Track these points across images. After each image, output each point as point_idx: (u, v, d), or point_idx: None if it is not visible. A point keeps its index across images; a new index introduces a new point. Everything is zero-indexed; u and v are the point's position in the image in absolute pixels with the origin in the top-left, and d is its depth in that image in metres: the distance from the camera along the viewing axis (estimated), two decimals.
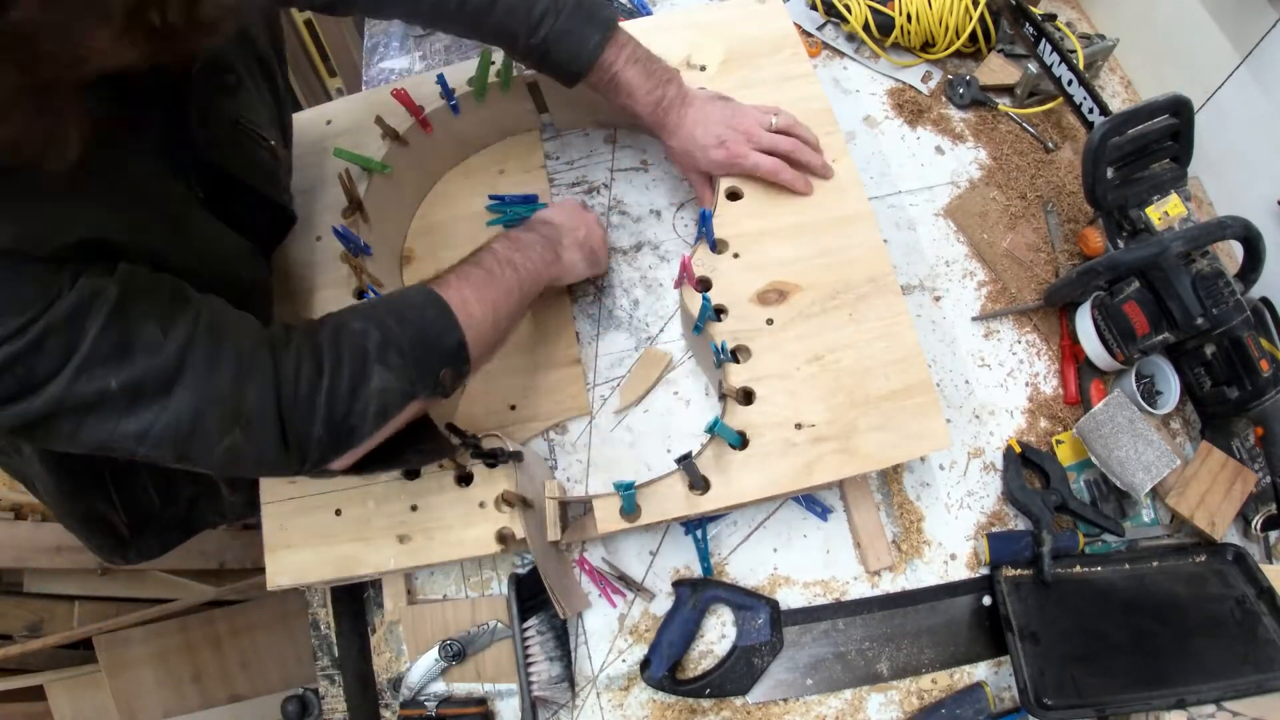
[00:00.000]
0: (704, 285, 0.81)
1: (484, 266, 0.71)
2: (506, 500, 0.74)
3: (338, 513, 0.76)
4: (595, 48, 0.79)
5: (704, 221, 0.81)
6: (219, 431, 0.53)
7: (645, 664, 0.79)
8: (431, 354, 0.63)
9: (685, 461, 0.70)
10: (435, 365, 0.63)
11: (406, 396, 0.62)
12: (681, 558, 0.85)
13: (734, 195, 0.86)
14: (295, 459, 0.58)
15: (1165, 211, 0.86)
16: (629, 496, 0.71)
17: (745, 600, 0.81)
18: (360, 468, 0.65)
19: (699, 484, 0.73)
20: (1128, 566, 0.83)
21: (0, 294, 0.46)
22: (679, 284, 0.83)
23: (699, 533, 0.84)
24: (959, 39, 1.08)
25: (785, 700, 0.80)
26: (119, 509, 0.87)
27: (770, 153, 0.83)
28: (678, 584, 0.82)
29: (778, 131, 0.84)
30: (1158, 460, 0.82)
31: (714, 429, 0.73)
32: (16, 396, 0.48)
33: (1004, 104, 1.08)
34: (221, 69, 0.65)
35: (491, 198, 0.99)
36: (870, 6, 1.10)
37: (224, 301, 0.59)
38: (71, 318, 0.48)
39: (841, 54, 1.14)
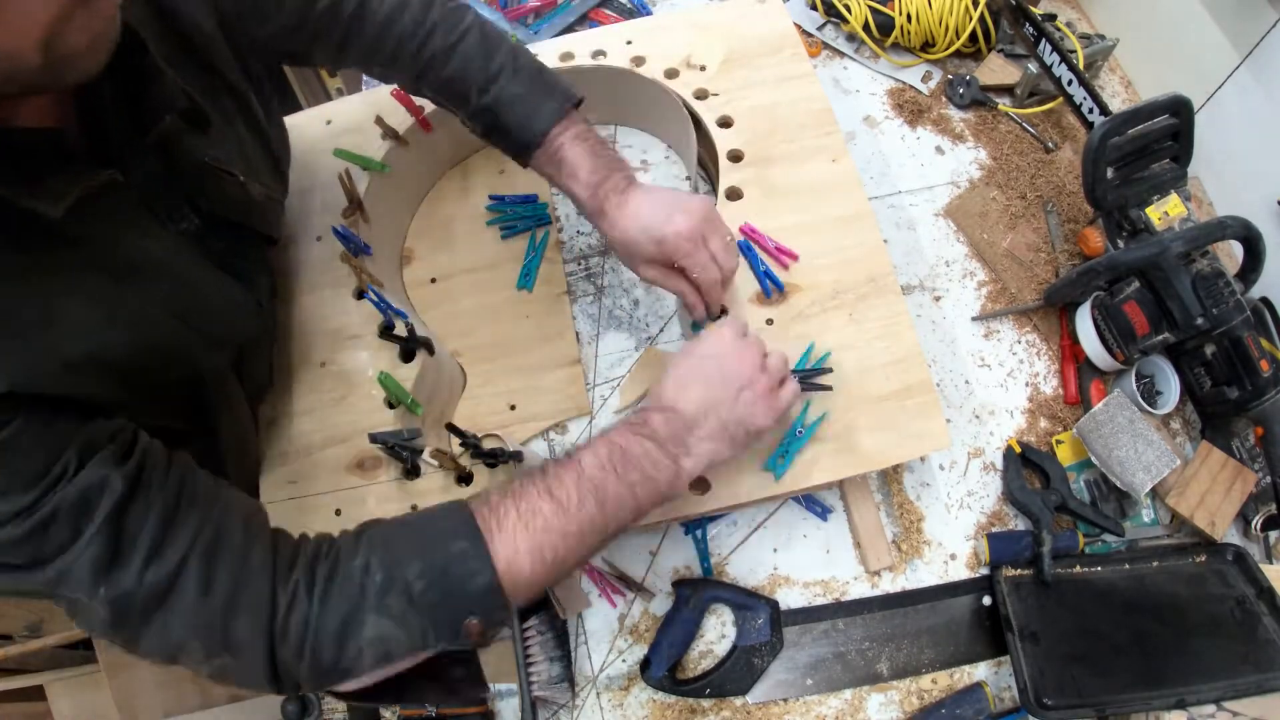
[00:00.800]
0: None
1: (556, 495, 0.56)
2: None
3: (338, 513, 0.76)
4: (549, 116, 0.73)
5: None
6: (205, 654, 0.50)
7: (645, 664, 0.79)
8: (451, 599, 0.52)
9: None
10: (455, 613, 0.53)
11: (414, 647, 0.53)
12: (681, 558, 0.85)
13: (734, 195, 0.86)
14: (288, 687, 0.53)
15: (1165, 211, 0.86)
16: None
17: (745, 600, 0.81)
18: (372, 697, 0.58)
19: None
20: (1128, 566, 0.83)
21: (10, 463, 0.44)
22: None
23: (699, 533, 0.84)
24: (959, 39, 1.08)
25: (785, 700, 0.80)
26: None
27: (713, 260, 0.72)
28: (678, 584, 0.82)
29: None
30: (1158, 460, 0.82)
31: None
32: (20, 568, 0.46)
33: (1004, 104, 1.08)
34: (189, 108, 0.60)
35: (492, 198, 0.99)
36: (870, 6, 1.10)
37: (235, 496, 0.55)
38: (76, 507, 0.46)
39: (841, 54, 1.14)
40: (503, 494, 0.57)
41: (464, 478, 0.76)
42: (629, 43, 0.95)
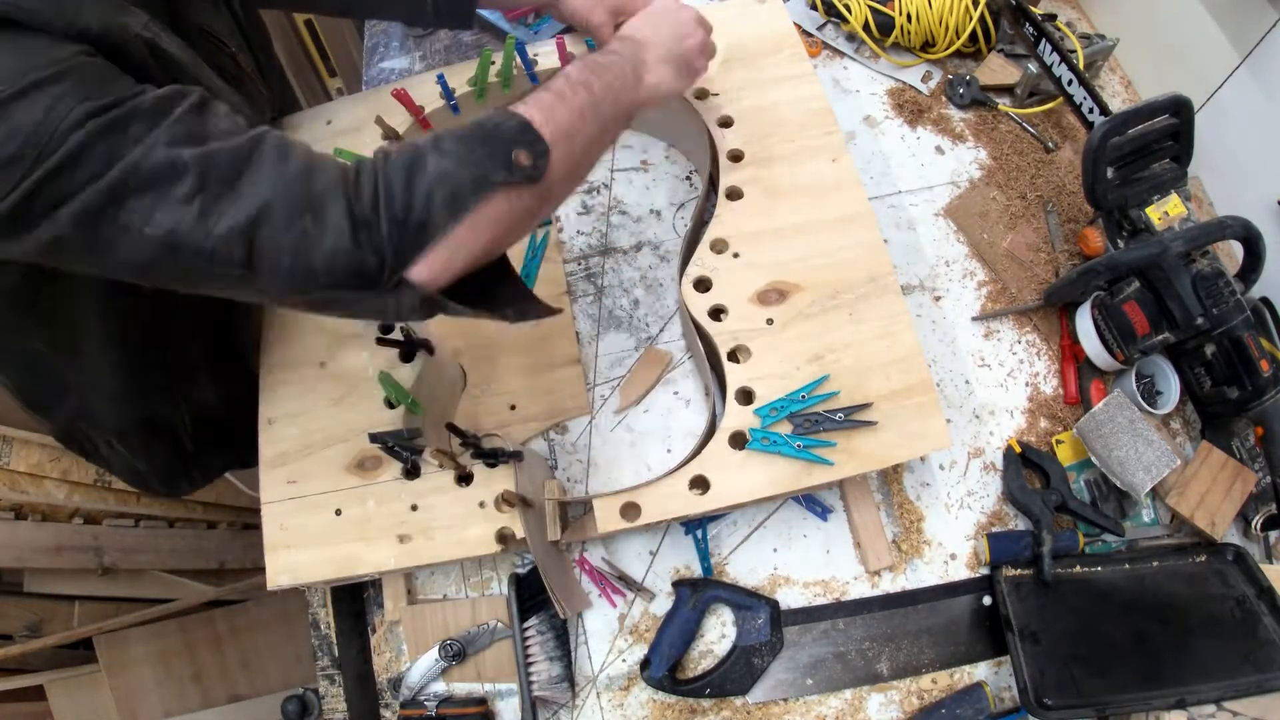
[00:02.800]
0: (703, 285, 0.81)
1: (552, 90, 0.64)
2: (506, 500, 0.74)
3: (338, 513, 0.76)
4: None
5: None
6: (287, 218, 0.53)
7: (645, 664, 0.79)
8: (493, 137, 0.59)
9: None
10: (502, 146, 0.58)
11: (478, 183, 0.57)
12: (681, 558, 0.85)
13: (734, 195, 0.86)
14: (370, 254, 0.55)
15: (1165, 211, 0.86)
16: None
17: (745, 600, 0.81)
18: (456, 296, 0.61)
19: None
20: (1128, 566, 0.83)
21: (84, 73, 0.50)
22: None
23: (699, 533, 0.84)
24: (959, 39, 1.08)
25: (785, 700, 0.80)
26: (183, 408, 0.88)
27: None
28: (678, 584, 0.82)
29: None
30: (1158, 460, 0.82)
31: None
32: (97, 175, 0.50)
33: (1004, 104, 1.08)
34: None
35: None
36: (870, 6, 1.10)
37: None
38: (158, 104, 0.51)
39: (841, 54, 1.14)
40: (513, 103, 0.63)
41: (464, 477, 0.76)
42: None
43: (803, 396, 0.75)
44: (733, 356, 0.78)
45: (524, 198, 0.60)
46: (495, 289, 0.64)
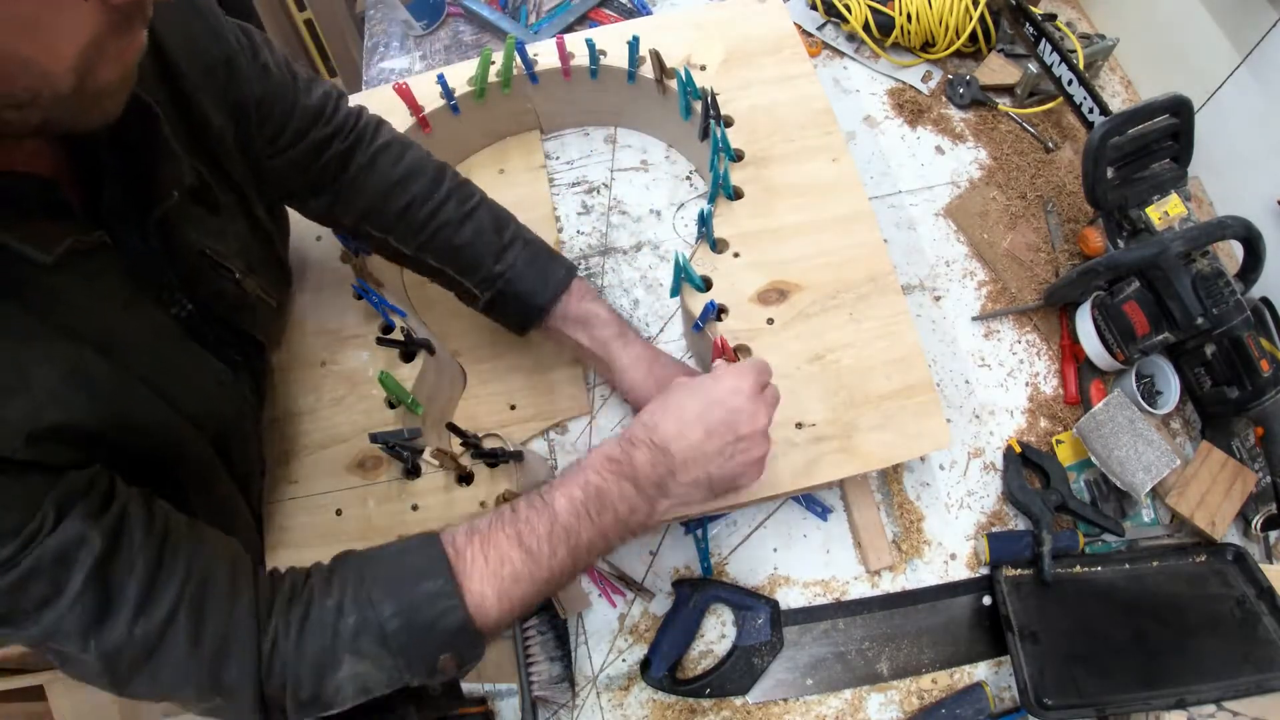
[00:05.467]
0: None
1: (526, 543, 0.55)
2: (507, 500, 0.74)
3: (338, 513, 0.76)
4: (562, 279, 0.79)
5: (703, 221, 0.81)
6: (197, 698, 0.51)
7: (645, 664, 0.79)
8: (424, 640, 0.52)
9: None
10: (431, 649, 0.53)
11: (393, 683, 0.53)
12: (681, 558, 0.85)
13: (734, 195, 0.86)
14: (276, 717, 0.53)
15: (1165, 211, 0.86)
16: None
17: (745, 600, 0.81)
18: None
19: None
20: (1128, 566, 0.83)
21: None
22: (715, 356, 0.73)
23: (699, 533, 0.84)
24: (959, 39, 1.08)
25: (785, 700, 0.80)
26: None
27: None
28: (678, 584, 0.82)
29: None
30: (1158, 460, 0.82)
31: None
32: (6, 622, 0.46)
33: (1004, 104, 1.08)
34: (197, 192, 0.60)
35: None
36: (870, 6, 1.10)
37: (217, 538, 0.55)
38: (55, 564, 0.45)
39: (841, 54, 1.14)
40: (471, 534, 0.55)
41: (464, 477, 0.76)
42: (629, 42, 0.95)
43: None
44: (733, 356, 0.78)
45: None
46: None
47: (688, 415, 0.59)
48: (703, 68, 0.94)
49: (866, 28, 1.11)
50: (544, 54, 0.95)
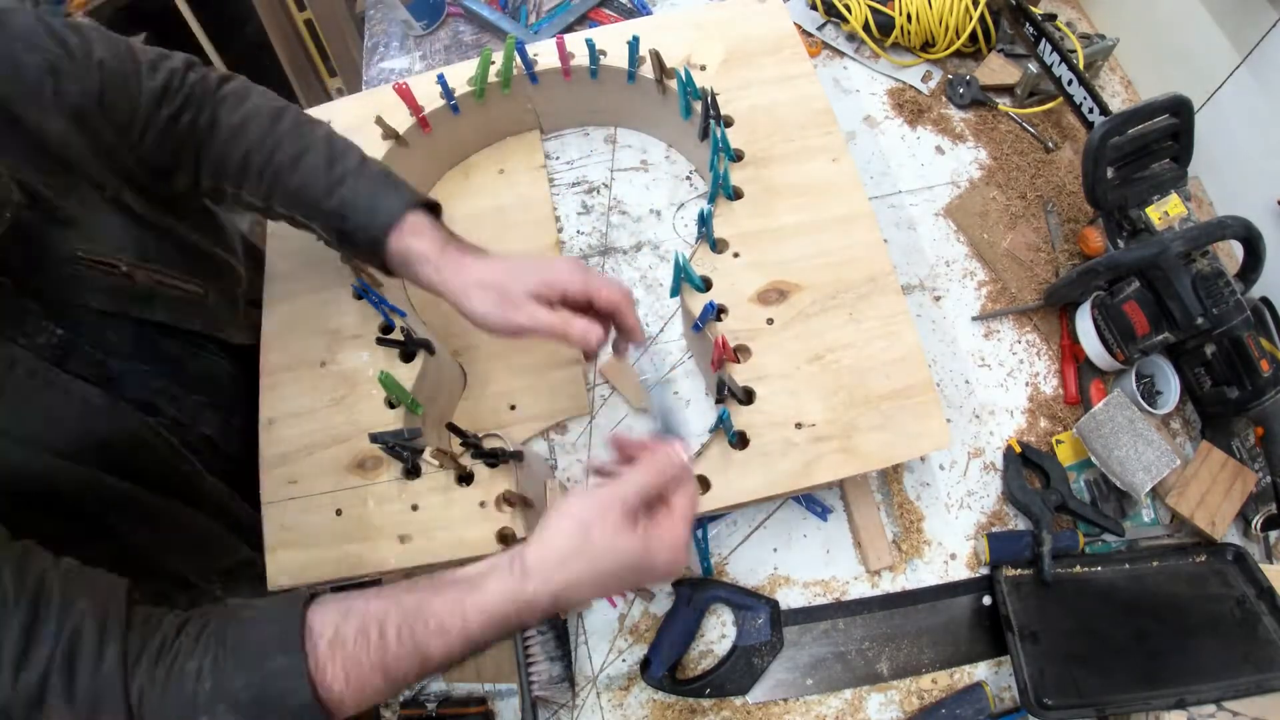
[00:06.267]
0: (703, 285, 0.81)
1: (390, 628, 0.53)
2: (507, 500, 0.74)
3: (338, 513, 0.76)
4: (396, 208, 0.71)
5: (703, 221, 0.81)
6: None
7: (645, 664, 0.79)
8: (275, 713, 0.53)
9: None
10: None
11: None
12: None
13: (734, 195, 0.86)
14: None
15: (1165, 211, 0.86)
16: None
17: (745, 600, 0.81)
18: None
19: None
20: (1128, 566, 0.83)
21: None
22: (717, 366, 0.74)
23: (699, 533, 0.84)
24: (959, 39, 1.08)
25: (785, 700, 0.80)
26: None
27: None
28: (678, 584, 0.82)
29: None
30: (1158, 460, 0.82)
31: (722, 420, 0.72)
32: None
33: (1004, 104, 1.08)
34: (38, 204, 0.59)
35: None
36: (870, 6, 1.10)
37: (92, 586, 0.54)
38: None
39: (841, 54, 1.14)
40: (344, 617, 0.54)
41: (464, 477, 0.76)
42: (629, 42, 0.95)
43: None
44: (733, 357, 0.78)
45: None
46: None
47: (592, 572, 0.55)
48: (703, 68, 0.94)
49: (866, 28, 1.11)
50: (544, 54, 0.95)
